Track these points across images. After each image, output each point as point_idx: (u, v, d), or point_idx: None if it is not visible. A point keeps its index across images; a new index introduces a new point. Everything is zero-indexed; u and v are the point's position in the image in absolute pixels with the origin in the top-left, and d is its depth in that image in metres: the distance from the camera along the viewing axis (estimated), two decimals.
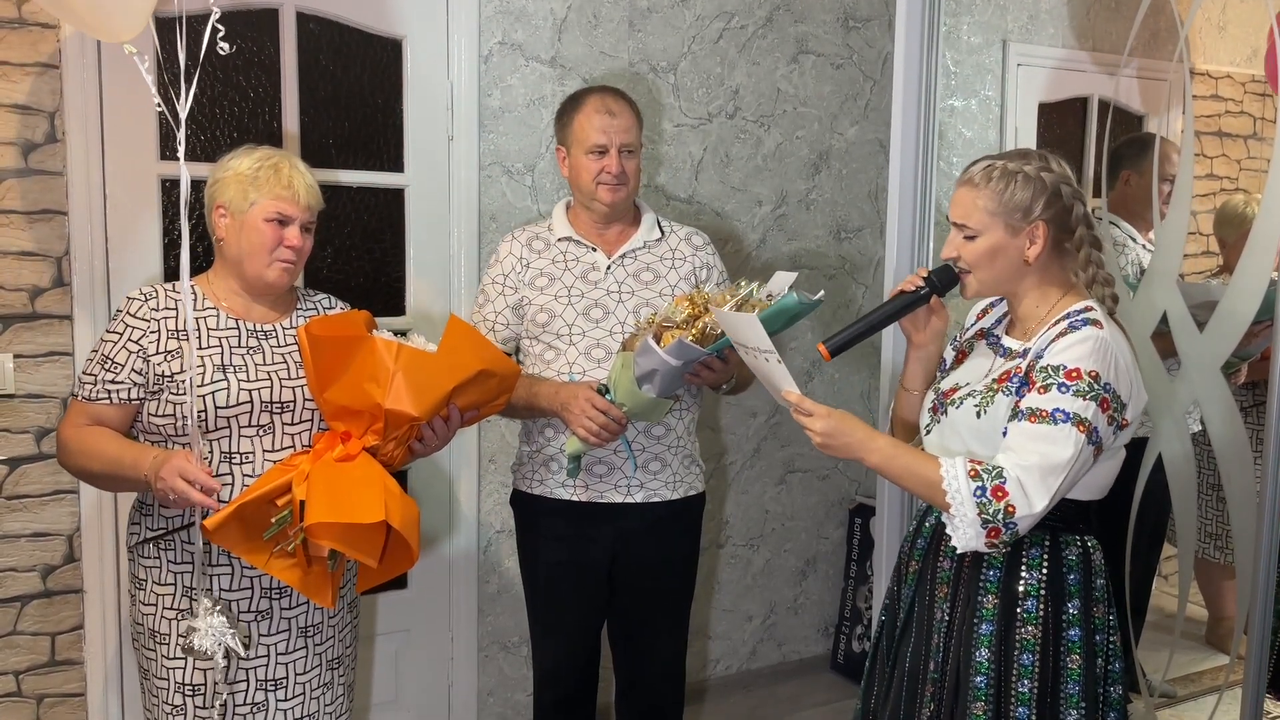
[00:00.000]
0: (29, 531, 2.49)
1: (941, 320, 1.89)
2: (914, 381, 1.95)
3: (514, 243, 2.37)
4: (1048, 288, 1.77)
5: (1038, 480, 1.61)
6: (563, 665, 2.44)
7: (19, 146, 2.41)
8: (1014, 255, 1.74)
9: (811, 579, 3.71)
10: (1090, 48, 3.72)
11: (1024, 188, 1.72)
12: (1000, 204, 1.72)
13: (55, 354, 2.48)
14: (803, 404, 1.74)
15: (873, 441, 1.73)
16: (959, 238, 1.77)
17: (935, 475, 1.66)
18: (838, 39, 3.49)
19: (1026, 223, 1.72)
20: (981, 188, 1.74)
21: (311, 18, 2.74)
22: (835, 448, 1.74)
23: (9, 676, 2.50)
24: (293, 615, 1.97)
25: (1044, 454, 1.61)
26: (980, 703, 1.72)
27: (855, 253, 3.63)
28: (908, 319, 1.89)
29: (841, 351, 1.81)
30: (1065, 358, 1.65)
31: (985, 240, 1.74)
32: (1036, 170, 1.72)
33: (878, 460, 1.73)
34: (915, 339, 1.92)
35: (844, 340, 1.81)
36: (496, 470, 3.06)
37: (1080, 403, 1.62)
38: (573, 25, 3.03)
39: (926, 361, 1.93)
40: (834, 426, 1.73)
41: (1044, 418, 1.62)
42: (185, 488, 1.74)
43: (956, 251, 1.78)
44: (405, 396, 1.78)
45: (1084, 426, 1.62)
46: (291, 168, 1.93)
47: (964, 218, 1.76)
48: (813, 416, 1.74)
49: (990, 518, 1.61)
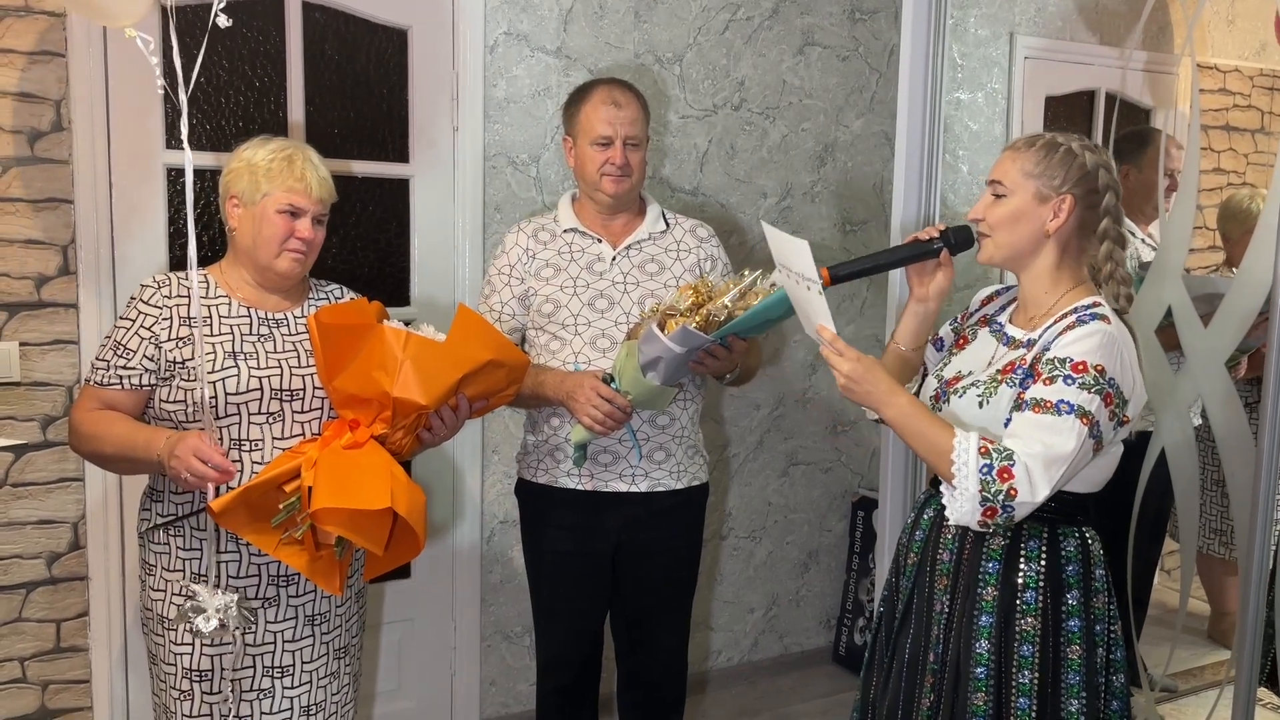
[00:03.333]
0: (35, 519, 2.50)
1: (946, 278, 1.90)
2: (905, 336, 1.96)
3: (520, 234, 2.37)
4: (1061, 274, 1.77)
5: (1041, 469, 1.62)
6: (566, 655, 2.45)
7: (25, 134, 2.41)
8: (1036, 223, 1.75)
9: (813, 571, 3.72)
10: (1098, 41, 3.71)
11: (1065, 159, 1.74)
12: (1038, 166, 1.74)
13: (61, 342, 2.49)
14: (836, 342, 1.75)
15: (894, 396, 1.73)
16: (989, 197, 1.79)
17: (947, 444, 1.66)
18: (844, 31, 3.48)
19: (1056, 193, 1.73)
20: (1024, 151, 1.77)
21: (317, 7, 2.74)
22: (857, 393, 1.75)
23: (15, 663, 2.51)
24: (300, 603, 1.98)
25: (1047, 444, 1.62)
26: (981, 693, 1.73)
27: (860, 246, 3.63)
28: (914, 269, 1.90)
29: (843, 280, 1.83)
30: (1072, 350, 1.65)
31: (1013, 201, 1.75)
32: (1081, 148, 1.75)
33: (893, 414, 1.73)
34: (917, 291, 1.92)
35: (849, 271, 1.83)
36: (500, 460, 3.06)
37: (1085, 396, 1.63)
38: (578, 16, 3.02)
39: (923, 318, 1.94)
40: (861, 372, 1.73)
41: (1048, 409, 1.63)
42: (201, 468, 1.76)
43: (982, 213, 1.79)
44: (414, 385, 1.79)
45: (1087, 420, 1.63)
46: (305, 160, 1.94)
47: (1000, 175, 1.78)
48: (842, 357, 1.74)
49: (990, 496, 1.62)
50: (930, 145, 2.56)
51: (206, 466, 1.76)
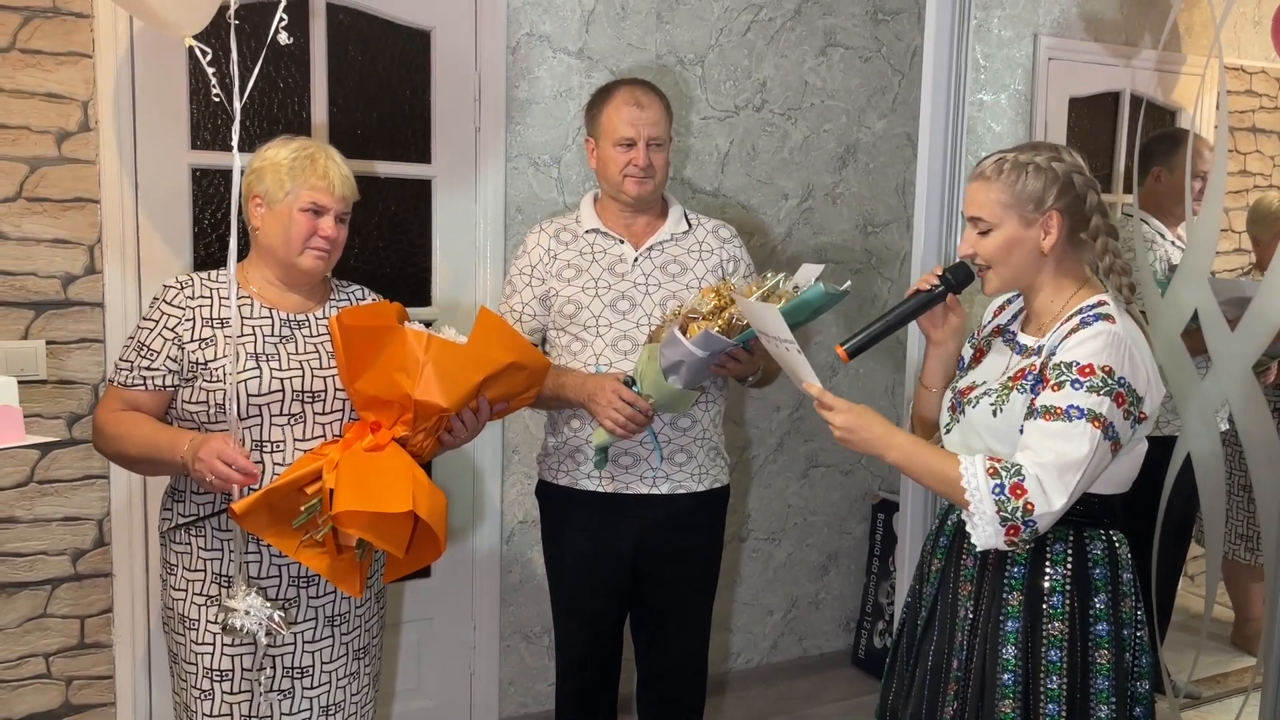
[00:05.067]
0: (60, 516, 2.52)
1: (959, 317, 1.89)
2: (933, 379, 1.95)
3: (541, 234, 2.37)
4: (1063, 280, 1.76)
5: (1055, 478, 1.60)
6: (585, 656, 2.45)
7: (53, 135, 2.43)
8: (1030, 247, 1.73)
9: (833, 574, 3.70)
10: (1123, 42, 3.68)
11: (1036, 178, 1.71)
12: (1013, 195, 1.72)
13: (87, 341, 2.51)
14: (824, 397, 1.76)
15: (892, 438, 1.74)
16: (974, 233, 1.77)
17: (954, 473, 1.65)
18: (866, 32, 3.47)
19: (1040, 213, 1.71)
20: (993, 181, 1.74)
21: (341, 8, 2.75)
22: (855, 443, 1.75)
23: (39, 658, 2.53)
24: (320, 604, 1.99)
25: (1060, 451, 1.60)
26: (1009, 700, 1.71)
27: (881, 247, 3.61)
28: (925, 317, 1.88)
29: (860, 352, 1.81)
30: (1078, 354, 1.64)
31: (1000, 234, 1.73)
32: (1048, 161, 1.72)
33: (897, 457, 1.73)
34: (933, 336, 1.91)
35: (862, 341, 1.81)
36: (520, 461, 3.07)
37: (1094, 398, 1.61)
38: (600, 17, 3.02)
39: (945, 359, 1.93)
40: (854, 421, 1.74)
41: (1058, 415, 1.62)
42: (224, 470, 1.76)
43: (972, 248, 1.77)
44: (435, 387, 1.79)
45: (1099, 422, 1.61)
46: (327, 158, 1.95)
47: (978, 211, 1.75)
48: (834, 410, 1.75)
49: (1009, 515, 1.61)
50: (953, 147, 2.55)
51: (230, 469, 1.77)
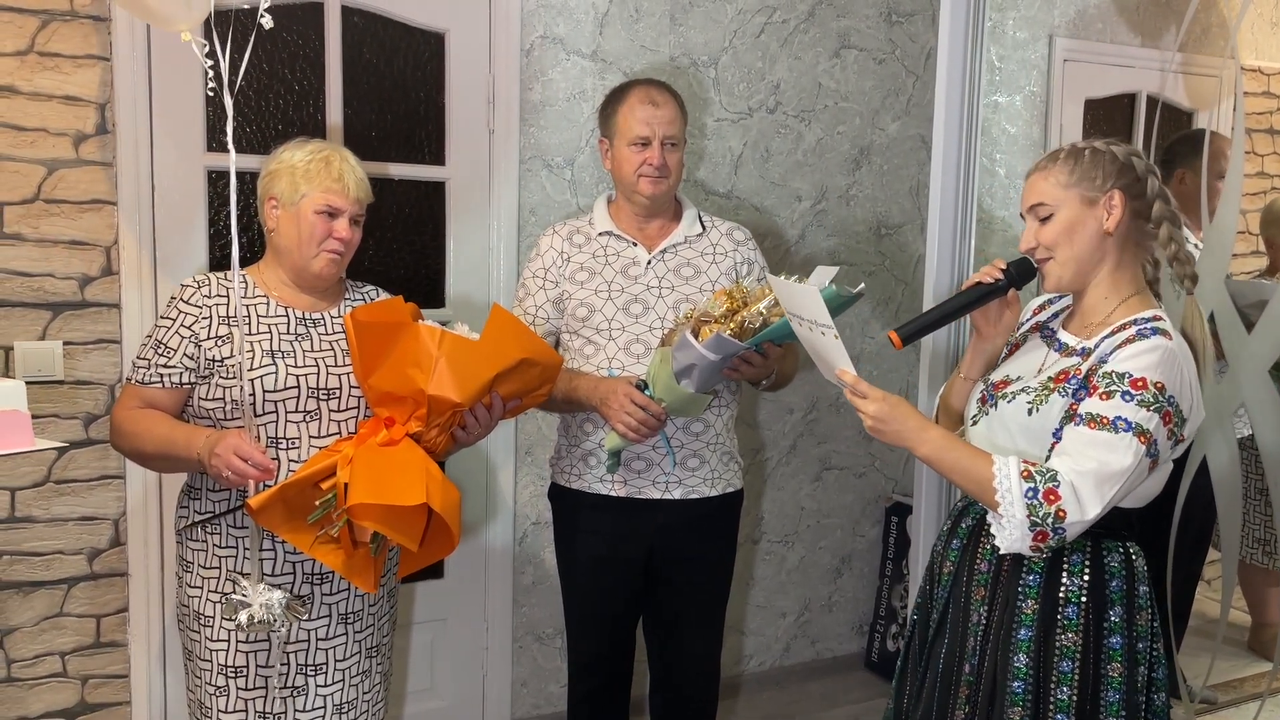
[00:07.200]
0: (76, 515, 2.54)
1: (1013, 315, 1.83)
2: (973, 371, 1.90)
3: (555, 236, 2.37)
4: (1120, 278, 1.72)
5: (1092, 487, 1.57)
6: (598, 658, 2.45)
7: (70, 137, 2.45)
8: (1093, 227, 1.70)
9: (846, 576, 3.69)
10: (1139, 43, 3.66)
11: (1095, 159, 1.70)
12: (1073, 175, 1.70)
13: (104, 341, 2.53)
14: (858, 385, 1.70)
15: (925, 432, 1.69)
16: (1034, 224, 1.74)
17: (987, 473, 1.62)
18: (880, 34, 3.46)
19: (1101, 192, 1.69)
20: (1052, 167, 1.73)
21: (356, 11, 2.76)
22: (886, 434, 1.71)
23: (55, 657, 2.55)
24: (333, 601, 1.99)
25: (1102, 461, 1.57)
26: (1018, 708, 1.69)
27: (895, 249, 3.60)
28: (979, 311, 1.82)
29: (913, 340, 1.76)
30: (1132, 366, 1.60)
31: (1062, 215, 1.70)
32: (1105, 145, 1.72)
33: (928, 451, 1.69)
34: (985, 331, 1.85)
35: (916, 328, 1.76)
36: (533, 462, 3.07)
37: (1144, 413, 1.58)
38: (614, 19, 3.03)
39: (990, 354, 1.88)
40: (888, 412, 1.69)
41: (1105, 425, 1.58)
42: (242, 466, 1.78)
43: (1034, 239, 1.74)
44: (448, 383, 1.80)
45: (1145, 438, 1.58)
46: (342, 161, 1.96)
47: (1039, 197, 1.73)
48: (867, 399, 1.70)
49: (1039, 521, 1.58)
50: (967, 149, 2.54)
51: (247, 465, 1.78)
